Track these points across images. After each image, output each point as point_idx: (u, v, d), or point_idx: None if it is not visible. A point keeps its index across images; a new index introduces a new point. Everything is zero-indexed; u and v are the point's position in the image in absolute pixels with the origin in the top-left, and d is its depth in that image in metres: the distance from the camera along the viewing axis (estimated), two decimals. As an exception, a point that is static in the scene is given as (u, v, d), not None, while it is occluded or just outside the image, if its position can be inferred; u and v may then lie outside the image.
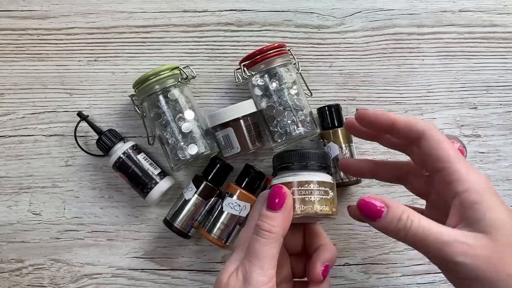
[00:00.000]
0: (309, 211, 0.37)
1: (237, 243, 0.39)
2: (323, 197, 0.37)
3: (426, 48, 0.59)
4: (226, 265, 0.36)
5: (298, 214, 0.37)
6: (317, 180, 0.38)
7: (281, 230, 0.35)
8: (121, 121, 0.58)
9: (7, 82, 0.59)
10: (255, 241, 0.35)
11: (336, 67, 0.59)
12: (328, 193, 0.38)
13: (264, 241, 0.35)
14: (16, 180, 0.58)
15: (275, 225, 0.35)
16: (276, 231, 0.35)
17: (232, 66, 0.58)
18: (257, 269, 0.34)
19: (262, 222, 0.35)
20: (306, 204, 0.37)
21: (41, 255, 0.57)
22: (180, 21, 0.59)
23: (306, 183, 0.37)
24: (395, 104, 0.58)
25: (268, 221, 0.35)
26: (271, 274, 0.34)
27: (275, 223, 0.35)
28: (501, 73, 0.59)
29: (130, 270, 0.56)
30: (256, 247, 0.35)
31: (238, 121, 0.52)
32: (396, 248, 0.56)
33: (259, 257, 0.34)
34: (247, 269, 0.34)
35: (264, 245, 0.35)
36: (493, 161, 0.58)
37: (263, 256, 0.34)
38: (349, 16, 0.59)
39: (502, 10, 0.60)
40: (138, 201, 0.57)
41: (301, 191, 0.37)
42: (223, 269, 0.36)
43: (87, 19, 0.59)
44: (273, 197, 0.36)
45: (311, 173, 0.38)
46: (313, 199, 0.37)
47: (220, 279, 0.35)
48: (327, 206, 0.37)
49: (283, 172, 0.39)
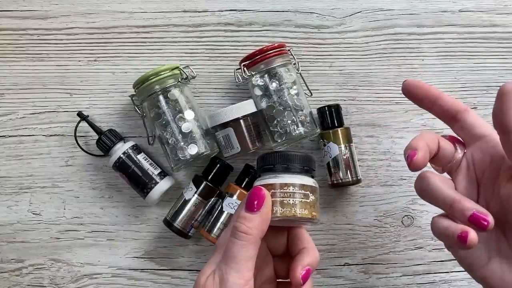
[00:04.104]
0: (288, 214, 0.36)
1: (217, 244, 0.38)
2: (302, 200, 0.37)
3: (426, 48, 0.59)
4: (205, 267, 0.36)
5: (277, 217, 0.36)
6: (299, 183, 0.37)
7: (258, 232, 0.35)
8: (121, 121, 0.58)
9: (7, 82, 0.59)
10: (231, 243, 0.35)
11: (336, 67, 0.59)
12: (309, 196, 0.37)
13: (241, 243, 0.34)
14: (16, 180, 0.58)
15: (252, 226, 0.35)
16: (252, 232, 0.34)
17: (232, 66, 0.58)
18: (234, 272, 0.33)
19: (239, 223, 0.35)
20: (285, 207, 0.36)
21: (41, 255, 0.57)
22: (180, 21, 0.59)
23: (286, 186, 0.37)
24: (395, 104, 0.58)
25: (246, 222, 0.35)
26: (248, 276, 0.34)
27: (251, 225, 0.35)
28: (501, 73, 0.59)
29: (130, 270, 0.57)
30: (232, 249, 0.34)
31: (238, 121, 0.52)
32: (396, 248, 0.56)
33: (235, 259, 0.34)
34: (223, 272, 0.34)
35: (241, 248, 0.34)
36: (493, 161, 0.57)
37: (239, 258, 0.34)
38: (349, 16, 0.59)
39: (502, 10, 0.59)
40: (138, 201, 0.57)
41: (282, 194, 0.36)
42: (202, 271, 0.36)
43: (87, 19, 0.59)
44: (251, 198, 0.36)
45: (292, 176, 0.37)
46: (292, 202, 0.36)
47: (198, 282, 0.35)
48: (306, 210, 0.37)
49: (265, 174, 0.39)
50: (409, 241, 0.56)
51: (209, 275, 0.35)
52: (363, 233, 0.56)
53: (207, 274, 0.35)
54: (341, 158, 0.53)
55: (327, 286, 0.56)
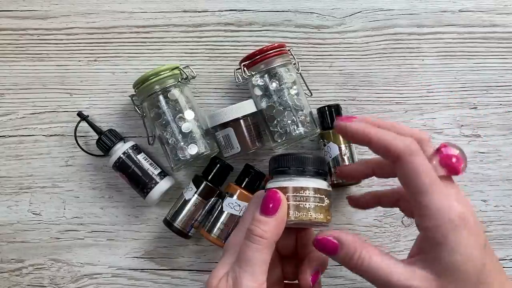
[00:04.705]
0: (303, 218, 0.36)
1: (227, 245, 0.38)
2: (318, 204, 0.36)
3: (426, 48, 0.59)
4: (216, 269, 0.36)
5: (291, 221, 0.36)
6: (313, 186, 0.36)
7: (273, 236, 0.35)
8: (121, 121, 0.58)
9: (7, 82, 0.59)
10: (246, 246, 0.34)
11: (336, 67, 0.59)
12: (324, 200, 0.37)
13: (256, 247, 0.34)
14: (16, 180, 0.58)
15: (267, 230, 0.34)
16: (268, 236, 0.34)
17: (232, 66, 0.58)
18: (248, 275, 0.33)
19: (255, 226, 0.35)
20: (300, 211, 0.36)
21: (41, 255, 0.57)
22: (180, 21, 0.59)
23: (302, 190, 0.36)
24: (395, 104, 0.58)
25: (261, 226, 0.34)
26: (261, 280, 0.34)
27: (267, 229, 0.34)
28: (501, 73, 0.59)
29: (130, 270, 0.57)
30: (247, 253, 0.34)
31: (238, 121, 0.52)
32: (396, 248, 0.56)
33: (250, 263, 0.34)
34: (237, 275, 0.34)
35: (256, 251, 0.34)
36: (493, 161, 0.58)
37: (254, 262, 0.34)
38: (349, 16, 0.59)
39: (502, 10, 0.59)
40: (138, 201, 0.57)
41: (296, 197, 0.36)
42: (213, 272, 0.36)
43: (87, 19, 0.59)
44: (267, 201, 0.35)
45: (307, 179, 0.37)
46: (308, 206, 0.36)
47: (210, 284, 0.34)
48: (321, 214, 0.36)
49: (278, 176, 0.38)
50: (409, 241, 0.56)
51: (222, 278, 0.34)
52: (363, 233, 0.56)
53: (219, 276, 0.35)
54: (341, 158, 0.53)
55: (327, 286, 0.56)
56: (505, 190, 0.57)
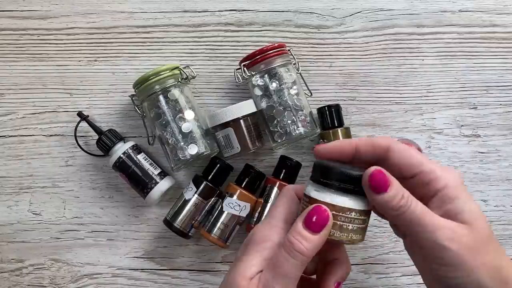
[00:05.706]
0: (344, 239, 0.34)
1: (252, 241, 0.36)
2: (360, 226, 0.35)
3: (426, 48, 0.59)
4: (242, 267, 0.34)
5: (331, 239, 0.34)
6: (360, 209, 0.34)
7: (313, 253, 0.33)
8: (121, 121, 0.58)
9: (7, 82, 0.59)
10: (284, 259, 0.33)
11: (336, 67, 0.59)
12: (365, 221, 0.35)
13: (295, 263, 0.33)
14: (16, 180, 0.58)
15: (309, 248, 0.33)
16: (308, 254, 0.33)
17: (232, 66, 0.58)
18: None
19: (297, 241, 0.33)
20: (343, 232, 0.34)
21: (41, 255, 0.57)
22: (180, 21, 0.59)
23: (349, 211, 0.34)
24: (395, 104, 0.58)
25: (303, 242, 0.33)
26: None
27: (309, 247, 0.33)
28: (501, 73, 0.59)
29: (130, 270, 0.57)
30: (284, 266, 0.33)
31: (238, 121, 0.52)
32: (396, 248, 0.56)
33: (286, 277, 0.33)
34: (270, 284, 0.33)
35: (294, 266, 0.33)
36: (493, 161, 0.58)
37: (290, 276, 0.33)
38: (349, 16, 0.59)
39: (502, 10, 0.59)
40: (138, 201, 0.57)
41: (341, 217, 0.34)
42: (238, 269, 0.34)
43: (87, 19, 0.59)
44: (311, 215, 0.34)
45: (356, 200, 0.34)
46: (351, 227, 0.34)
47: (237, 282, 0.33)
48: (361, 235, 0.35)
49: (324, 188, 0.35)
50: (409, 241, 0.56)
51: (252, 280, 0.34)
52: (363, 233, 0.56)
53: (247, 277, 0.34)
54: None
55: (327, 286, 0.56)
56: (505, 190, 0.57)
